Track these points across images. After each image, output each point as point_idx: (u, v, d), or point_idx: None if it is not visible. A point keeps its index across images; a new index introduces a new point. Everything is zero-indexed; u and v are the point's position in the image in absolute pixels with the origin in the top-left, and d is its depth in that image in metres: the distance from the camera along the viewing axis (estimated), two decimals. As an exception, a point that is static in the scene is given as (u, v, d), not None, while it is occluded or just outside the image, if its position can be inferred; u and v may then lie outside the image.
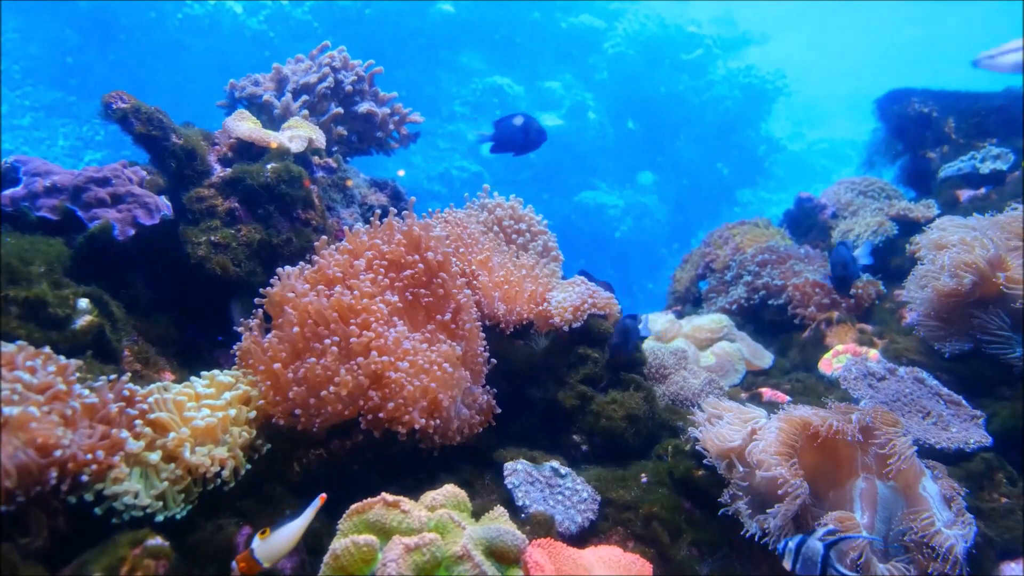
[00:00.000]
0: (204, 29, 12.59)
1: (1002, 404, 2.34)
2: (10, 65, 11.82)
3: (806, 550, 1.51)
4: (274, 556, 1.39)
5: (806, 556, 1.51)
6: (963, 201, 3.61)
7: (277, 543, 1.38)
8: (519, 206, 2.61)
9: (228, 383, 1.79)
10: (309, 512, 1.42)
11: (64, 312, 1.76)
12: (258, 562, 1.36)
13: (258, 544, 1.37)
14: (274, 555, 1.38)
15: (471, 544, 1.34)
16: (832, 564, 1.49)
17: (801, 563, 1.51)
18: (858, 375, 2.49)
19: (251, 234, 2.26)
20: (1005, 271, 2.37)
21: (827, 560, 1.48)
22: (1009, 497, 2.02)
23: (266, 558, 1.37)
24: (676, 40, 14.75)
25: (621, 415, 2.12)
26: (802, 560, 1.51)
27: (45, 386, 1.39)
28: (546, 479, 1.85)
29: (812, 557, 1.50)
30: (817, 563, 1.48)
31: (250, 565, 1.36)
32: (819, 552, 1.49)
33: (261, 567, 1.37)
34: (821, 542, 1.50)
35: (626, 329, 2.23)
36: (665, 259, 14.01)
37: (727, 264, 3.75)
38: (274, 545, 1.38)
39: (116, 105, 2.17)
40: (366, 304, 1.84)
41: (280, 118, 2.81)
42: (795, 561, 1.52)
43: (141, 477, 1.49)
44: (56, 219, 2.01)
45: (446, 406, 1.80)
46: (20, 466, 1.28)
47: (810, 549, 1.51)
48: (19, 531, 1.34)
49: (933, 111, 4.05)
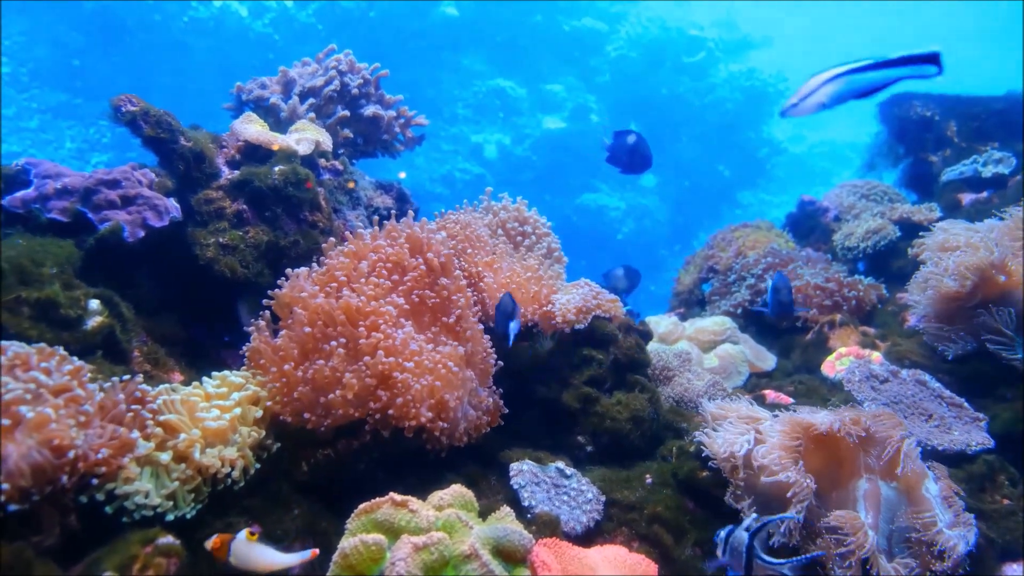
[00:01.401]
0: (209, 31, 12.63)
1: (1004, 406, 2.35)
2: (16, 68, 11.86)
3: (733, 540, 1.53)
4: (242, 563, 1.40)
5: (733, 546, 1.52)
6: (965, 205, 3.62)
7: (253, 557, 1.40)
8: (524, 208, 2.62)
9: (238, 383, 1.81)
10: (294, 557, 1.43)
11: (75, 313, 1.78)
12: (229, 554, 1.38)
13: (241, 542, 1.39)
14: (243, 562, 1.40)
15: (479, 543, 1.36)
16: (757, 554, 1.49)
17: (729, 553, 1.52)
18: (861, 377, 2.50)
19: (259, 236, 2.28)
20: (1008, 274, 2.38)
21: (752, 550, 1.49)
22: (1010, 499, 2.03)
23: (236, 558, 1.39)
24: (678, 43, 14.77)
25: (626, 416, 2.13)
26: (729, 550, 1.52)
27: (60, 387, 1.41)
28: (551, 479, 1.87)
29: (737, 547, 1.51)
30: (742, 553, 1.49)
31: (222, 551, 1.38)
32: (744, 542, 1.49)
33: (227, 560, 1.39)
34: (747, 531, 1.51)
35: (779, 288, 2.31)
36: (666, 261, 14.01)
37: (730, 266, 3.76)
38: (249, 556, 1.39)
39: (125, 108, 2.20)
40: (375, 307, 1.85)
41: (287, 121, 2.83)
42: (724, 551, 1.54)
43: (152, 477, 1.51)
44: (67, 221, 2.03)
45: (452, 407, 1.82)
46: (34, 465, 1.30)
47: (736, 539, 1.52)
48: (32, 529, 1.36)
49: (935, 114, 4.06)
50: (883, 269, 3.55)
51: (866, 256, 3.65)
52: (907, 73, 1.27)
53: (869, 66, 1.27)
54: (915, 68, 1.26)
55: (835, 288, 3.23)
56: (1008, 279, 2.38)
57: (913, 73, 1.27)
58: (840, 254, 3.76)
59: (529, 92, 14.11)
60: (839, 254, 3.77)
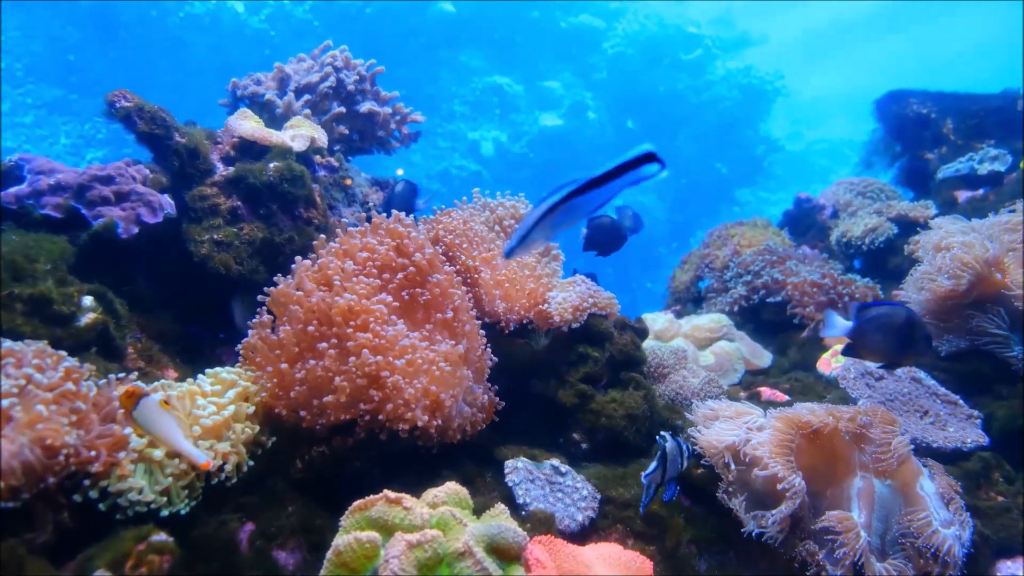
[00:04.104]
0: (205, 27, 12.60)
1: (1000, 403, 2.35)
2: (12, 63, 11.82)
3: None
4: (143, 423, 1.40)
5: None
6: (961, 202, 3.63)
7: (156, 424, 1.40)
8: (522, 206, 2.62)
9: (231, 380, 1.81)
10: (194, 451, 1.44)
11: (69, 309, 1.77)
12: (135, 409, 1.39)
13: (152, 402, 1.40)
14: (144, 423, 1.40)
15: (473, 541, 1.35)
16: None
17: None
18: (856, 375, 2.50)
19: (254, 232, 2.28)
20: (1003, 272, 2.39)
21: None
22: (1006, 496, 2.04)
23: (140, 416, 1.39)
24: (675, 40, 14.78)
25: (621, 414, 2.13)
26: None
27: (53, 385, 1.40)
28: (546, 477, 1.87)
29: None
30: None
31: (129, 402, 1.40)
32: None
33: (130, 414, 1.40)
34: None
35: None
36: (664, 258, 14.04)
37: (726, 264, 3.76)
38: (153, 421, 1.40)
39: (120, 104, 2.19)
40: (365, 305, 1.85)
41: (282, 117, 2.82)
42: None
43: (146, 473, 1.50)
44: (60, 217, 2.02)
45: (449, 405, 1.82)
46: (26, 464, 1.30)
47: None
48: (24, 526, 1.36)
49: (931, 112, 4.07)
50: (880, 266, 3.55)
51: (863, 253, 3.65)
52: (630, 179, 1.17)
53: (585, 186, 1.17)
54: (636, 173, 1.17)
55: (830, 285, 3.24)
56: (1004, 276, 2.38)
57: (636, 177, 1.17)
58: (837, 251, 3.77)
59: (526, 89, 14.11)
60: (836, 251, 3.78)
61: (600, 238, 2.60)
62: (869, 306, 2.00)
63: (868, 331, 1.95)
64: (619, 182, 1.18)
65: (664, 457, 1.70)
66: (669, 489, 1.76)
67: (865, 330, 1.95)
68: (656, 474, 1.71)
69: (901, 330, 1.92)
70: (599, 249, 2.65)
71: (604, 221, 2.61)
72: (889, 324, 1.93)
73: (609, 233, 2.60)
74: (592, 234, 2.60)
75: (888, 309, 1.97)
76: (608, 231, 2.60)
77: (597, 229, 2.60)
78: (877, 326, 1.95)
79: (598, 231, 2.60)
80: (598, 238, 2.60)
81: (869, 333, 1.95)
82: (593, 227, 2.60)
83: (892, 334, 1.93)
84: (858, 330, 1.97)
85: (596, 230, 2.60)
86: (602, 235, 2.60)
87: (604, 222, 2.61)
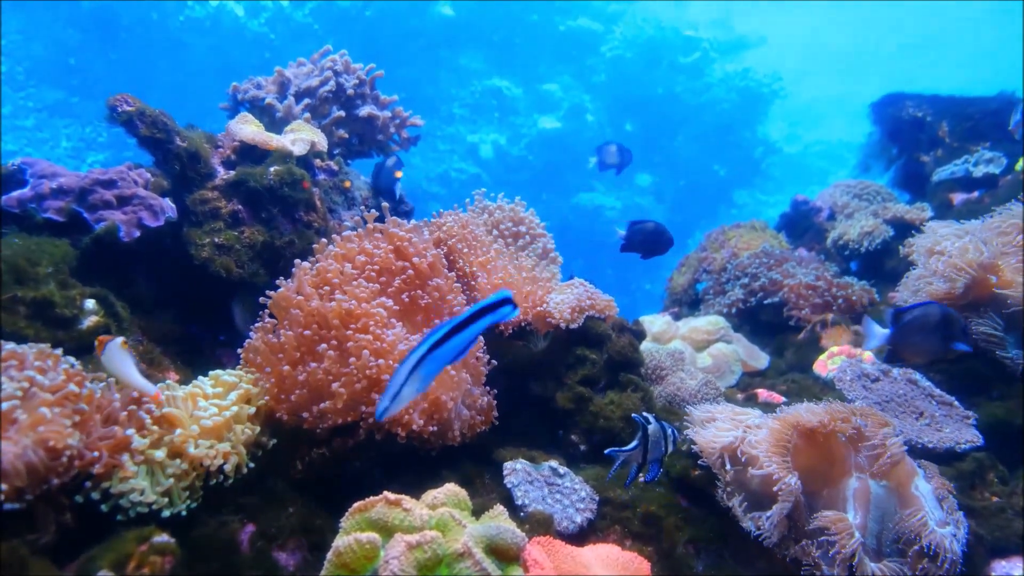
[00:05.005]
0: (206, 30, 12.61)
1: (995, 404, 2.37)
2: (13, 66, 11.83)
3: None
4: (107, 364, 1.55)
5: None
6: (956, 204, 3.65)
7: (115, 363, 1.55)
8: (520, 209, 2.63)
9: (232, 382, 1.82)
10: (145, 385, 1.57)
11: (71, 312, 1.78)
12: (103, 352, 1.55)
13: (115, 344, 1.55)
14: (108, 363, 1.55)
15: (472, 542, 1.37)
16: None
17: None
18: (852, 376, 2.52)
19: (254, 236, 2.29)
20: (998, 275, 2.40)
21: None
22: (1000, 496, 2.05)
23: (106, 357, 1.55)
24: (673, 43, 14.80)
25: (619, 415, 2.15)
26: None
27: (56, 387, 1.42)
28: (545, 478, 1.88)
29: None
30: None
31: (99, 349, 1.56)
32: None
33: (98, 355, 1.56)
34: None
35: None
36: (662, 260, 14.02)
37: (723, 267, 3.78)
38: (113, 360, 1.55)
39: (121, 108, 2.20)
40: (365, 308, 1.86)
41: (282, 121, 2.84)
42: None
43: (147, 474, 1.51)
44: (62, 220, 2.04)
45: (449, 408, 1.83)
46: (29, 465, 1.31)
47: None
48: (27, 527, 1.37)
49: (927, 115, 4.09)
50: (877, 268, 3.57)
51: (859, 255, 3.67)
52: (488, 321, 1.30)
53: (448, 333, 1.27)
54: (495, 314, 1.30)
55: (825, 287, 3.26)
56: (998, 279, 2.40)
57: (495, 318, 1.30)
58: (834, 254, 3.79)
59: (525, 92, 14.13)
60: (833, 254, 3.79)
61: (642, 240, 2.60)
62: (904, 310, 2.03)
63: (908, 333, 2.00)
64: (479, 324, 1.30)
65: (646, 437, 1.70)
66: (652, 469, 1.75)
67: (905, 333, 2.00)
68: (637, 453, 1.71)
69: (939, 327, 1.97)
70: (641, 251, 2.65)
71: (648, 226, 2.62)
72: (927, 323, 1.98)
73: (653, 236, 2.61)
74: (633, 235, 2.61)
75: (922, 309, 2.02)
76: (652, 234, 2.61)
77: (639, 232, 2.60)
78: (916, 327, 2.00)
79: (639, 234, 2.60)
80: (639, 240, 2.60)
81: (910, 335, 2.00)
82: (635, 230, 2.61)
83: (932, 332, 1.98)
84: (898, 334, 2.01)
85: (638, 233, 2.60)
86: (643, 237, 2.61)
87: (648, 226, 2.61)
